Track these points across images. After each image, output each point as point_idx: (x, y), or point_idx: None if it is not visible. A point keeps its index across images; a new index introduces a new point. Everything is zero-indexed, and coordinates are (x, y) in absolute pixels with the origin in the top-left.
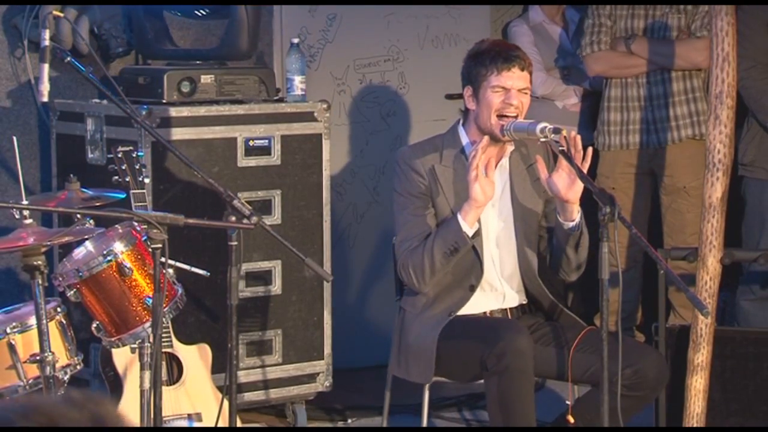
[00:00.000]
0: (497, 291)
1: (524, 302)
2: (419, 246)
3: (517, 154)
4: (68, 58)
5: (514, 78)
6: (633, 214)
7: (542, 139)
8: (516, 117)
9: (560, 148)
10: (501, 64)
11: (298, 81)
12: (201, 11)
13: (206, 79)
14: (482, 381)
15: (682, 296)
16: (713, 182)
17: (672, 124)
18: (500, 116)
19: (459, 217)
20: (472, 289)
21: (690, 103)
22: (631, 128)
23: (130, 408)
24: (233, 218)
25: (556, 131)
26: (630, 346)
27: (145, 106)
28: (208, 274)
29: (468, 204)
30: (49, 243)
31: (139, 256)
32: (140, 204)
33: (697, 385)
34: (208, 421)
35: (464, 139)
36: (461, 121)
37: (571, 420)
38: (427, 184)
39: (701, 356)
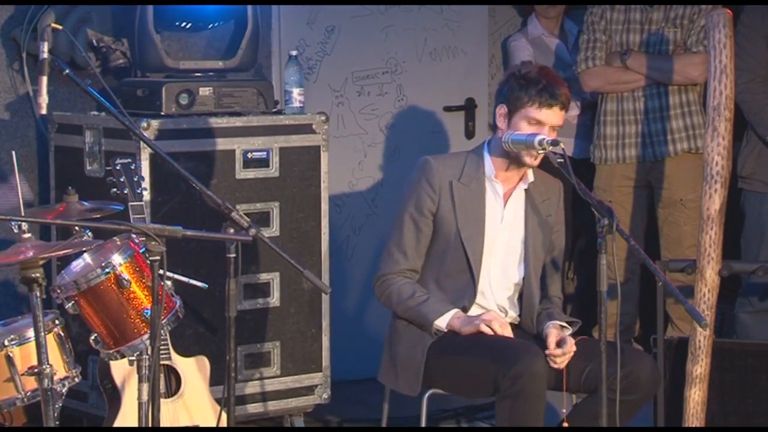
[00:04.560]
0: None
1: (517, 323)
2: (399, 287)
3: (535, 184)
4: (66, 71)
5: (552, 116)
6: (630, 227)
7: (540, 151)
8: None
9: (558, 161)
10: (546, 100)
11: (296, 93)
12: (212, 24)
13: (204, 91)
14: (482, 396)
15: (680, 308)
16: (711, 194)
17: (668, 138)
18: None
19: (443, 318)
20: (465, 310)
21: (686, 116)
22: (628, 142)
23: (128, 420)
24: (232, 230)
25: (554, 143)
26: (622, 351)
27: (143, 119)
28: (207, 286)
29: (462, 323)
30: (47, 256)
31: (137, 268)
32: (138, 216)
33: (696, 397)
34: None
35: (487, 162)
36: (488, 141)
37: (566, 425)
38: (437, 200)
39: (700, 368)
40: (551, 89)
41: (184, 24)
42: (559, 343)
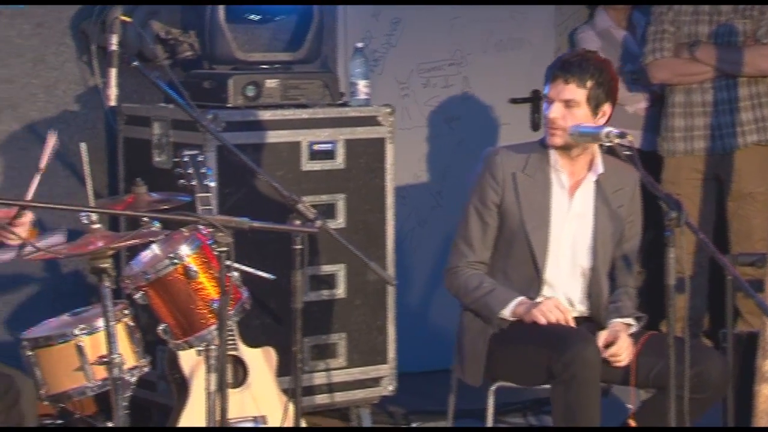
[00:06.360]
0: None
1: (587, 315)
2: (466, 279)
3: (607, 174)
4: (135, 63)
5: (555, 90)
6: (699, 220)
7: (607, 144)
8: (556, 129)
9: (626, 153)
10: (549, 75)
11: (362, 85)
12: (280, 16)
13: (271, 83)
14: (546, 386)
15: (750, 302)
16: None
17: (737, 130)
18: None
19: (507, 308)
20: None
21: (755, 108)
22: (696, 134)
23: (195, 410)
24: (298, 222)
25: (621, 135)
26: (693, 348)
27: (210, 110)
28: (274, 277)
29: (525, 310)
30: (117, 246)
31: (204, 260)
32: (206, 207)
33: (766, 392)
34: (273, 424)
35: (552, 153)
36: None
37: (633, 423)
38: (501, 192)
39: None
40: (556, 65)
41: (252, 16)
42: (610, 344)
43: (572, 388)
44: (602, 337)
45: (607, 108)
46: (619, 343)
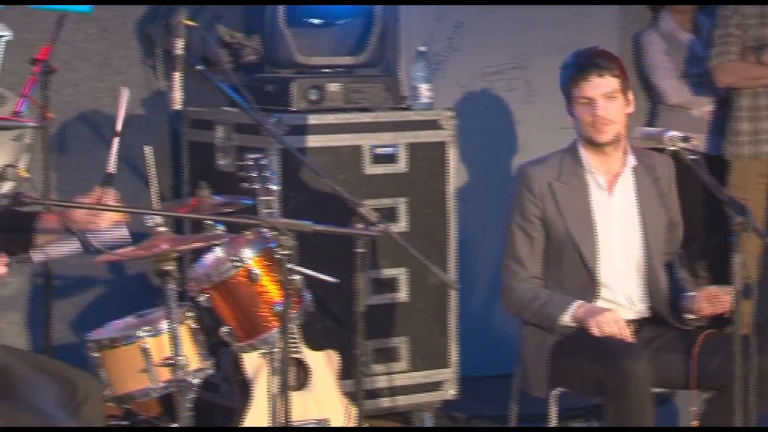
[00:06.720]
0: (622, 307)
1: (648, 316)
2: (521, 294)
3: (640, 167)
4: (199, 67)
5: (593, 86)
6: (766, 224)
7: (671, 148)
8: (607, 124)
9: (690, 157)
10: (578, 75)
11: (424, 89)
12: (343, 20)
13: (333, 87)
14: (594, 396)
15: None
16: None
17: None
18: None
19: (566, 313)
20: None
21: None
22: (763, 138)
23: (258, 412)
24: (360, 225)
25: (686, 139)
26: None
27: (273, 114)
28: (337, 281)
29: (585, 313)
30: (182, 249)
31: (267, 263)
32: (268, 210)
33: None
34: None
35: (583, 156)
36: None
37: (696, 424)
38: (541, 204)
39: None
40: (580, 63)
41: (314, 20)
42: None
43: (624, 403)
44: (701, 296)
45: (631, 96)
46: (717, 291)
